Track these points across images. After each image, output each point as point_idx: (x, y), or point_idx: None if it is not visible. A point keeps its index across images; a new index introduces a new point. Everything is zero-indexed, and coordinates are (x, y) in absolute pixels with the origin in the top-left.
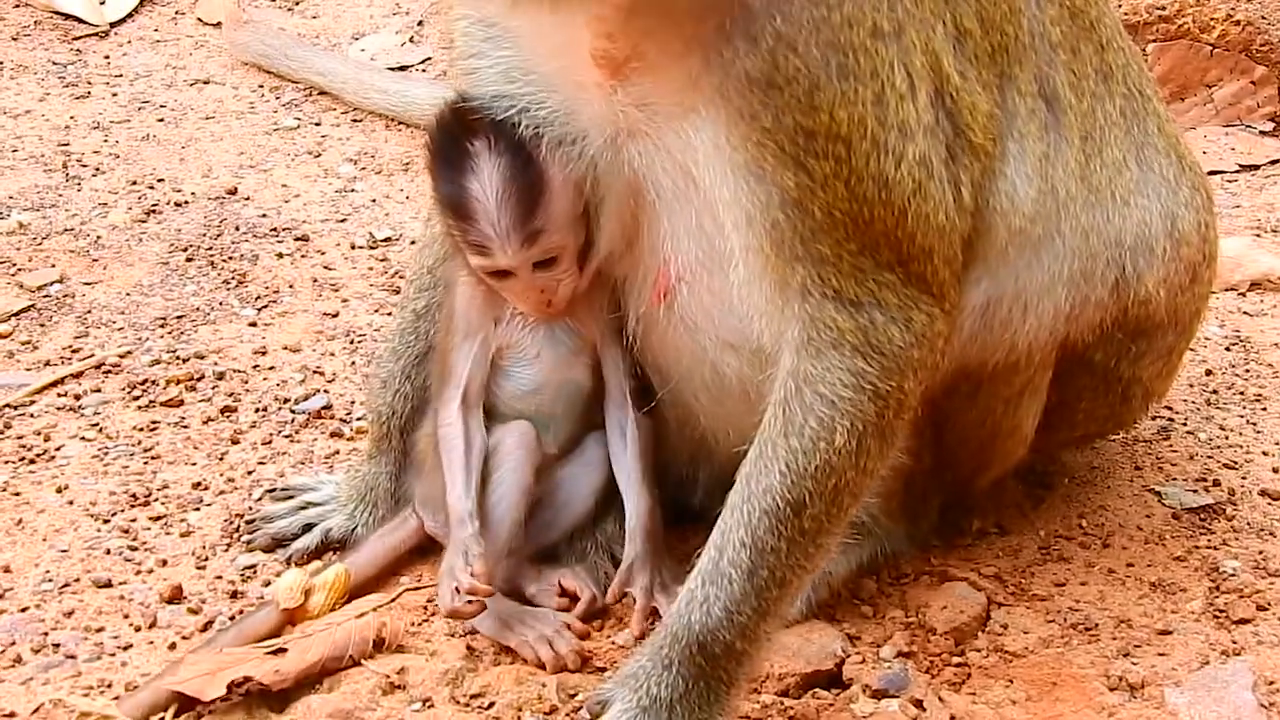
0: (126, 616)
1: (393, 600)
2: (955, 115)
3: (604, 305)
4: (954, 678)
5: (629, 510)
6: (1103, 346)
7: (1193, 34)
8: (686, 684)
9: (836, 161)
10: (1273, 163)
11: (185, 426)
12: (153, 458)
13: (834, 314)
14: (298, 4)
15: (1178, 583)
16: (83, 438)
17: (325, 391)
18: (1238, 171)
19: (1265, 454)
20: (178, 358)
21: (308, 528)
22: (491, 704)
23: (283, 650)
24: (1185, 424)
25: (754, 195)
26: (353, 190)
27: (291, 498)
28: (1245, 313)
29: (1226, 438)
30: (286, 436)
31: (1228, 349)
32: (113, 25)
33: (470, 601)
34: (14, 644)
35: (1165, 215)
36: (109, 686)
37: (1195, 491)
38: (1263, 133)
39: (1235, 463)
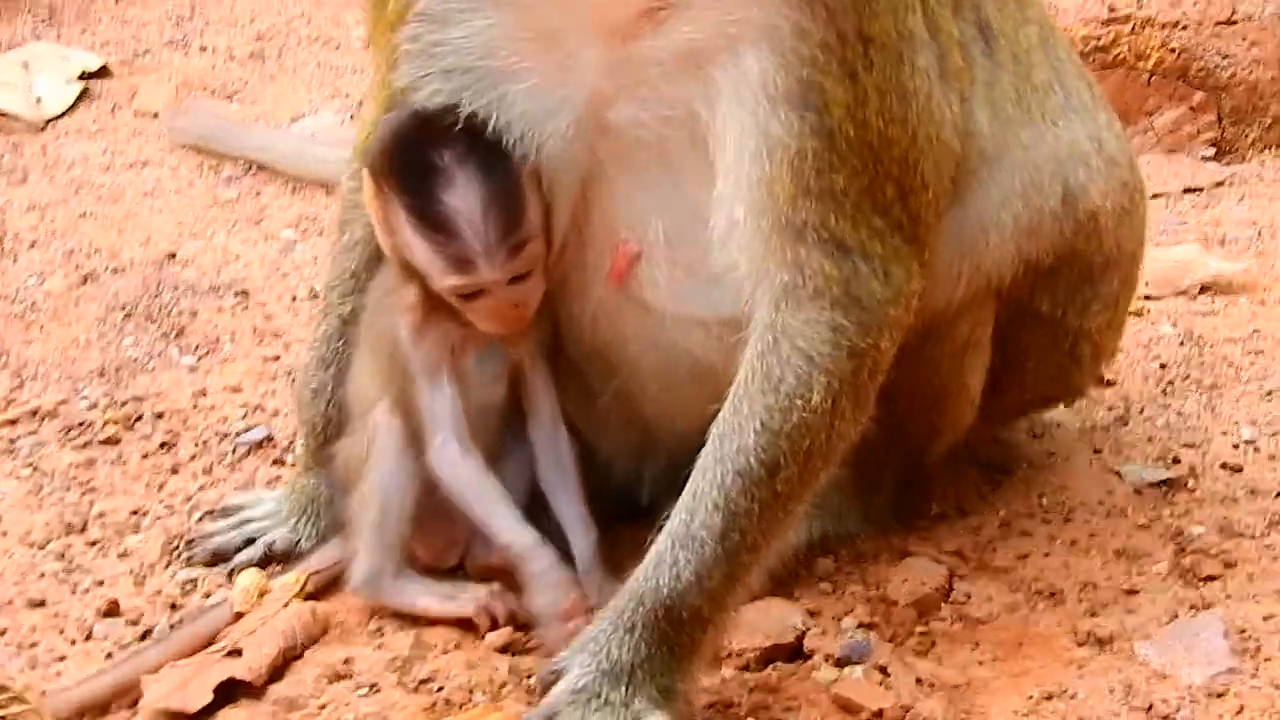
0: (62, 632)
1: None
2: (937, 36)
3: (537, 317)
4: (919, 646)
5: (578, 544)
6: (1049, 291)
7: (1129, 63)
8: (649, 648)
9: (877, 71)
10: (1217, 184)
11: (123, 462)
12: (89, 490)
13: (822, 260)
14: (236, 93)
15: (1142, 549)
16: (17, 476)
17: (267, 425)
18: (1183, 193)
19: (1224, 433)
20: (115, 402)
21: (250, 542)
22: (441, 687)
23: (237, 652)
24: (1142, 412)
25: (789, 123)
26: (293, 251)
27: (231, 515)
28: (1197, 313)
29: (1184, 421)
30: (228, 465)
31: (1181, 344)
32: (49, 121)
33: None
34: None
35: (1091, 138)
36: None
37: (1155, 468)
38: (1205, 158)
39: (1194, 443)
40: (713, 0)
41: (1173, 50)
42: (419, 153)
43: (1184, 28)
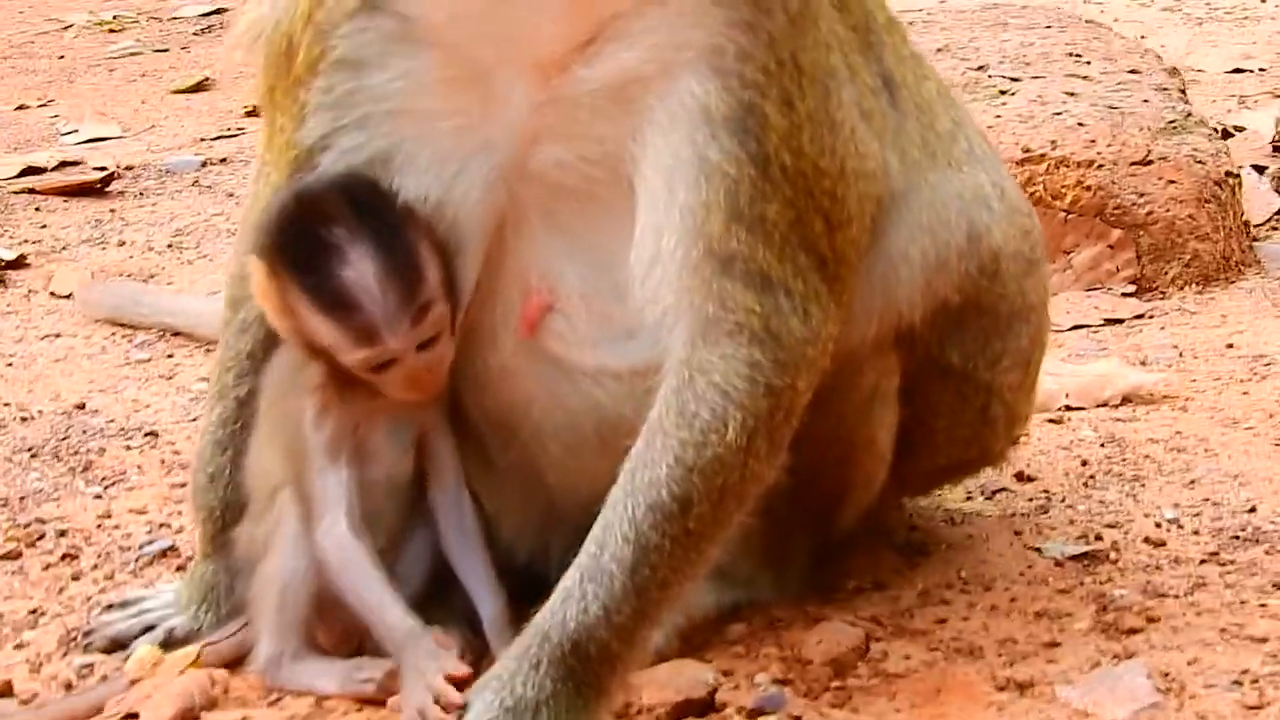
0: None
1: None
2: (854, 79)
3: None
4: (834, 700)
5: (485, 609)
6: (959, 342)
7: (1046, 201)
8: (555, 685)
9: (810, 99)
10: (1137, 317)
11: (23, 573)
12: None
13: (745, 293)
14: (153, 276)
15: (1063, 610)
16: None
17: (172, 539)
18: (1103, 325)
19: (1146, 515)
20: (17, 524)
21: (149, 630)
22: None
23: (133, 715)
24: (1064, 500)
25: (728, 148)
26: (204, 398)
27: (130, 606)
28: (1118, 420)
29: (1106, 507)
30: (130, 572)
31: (1102, 445)
32: None
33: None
34: None
35: (994, 184)
36: None
37: (1077, 545)
38: (1125, 294)
39: (1116, 523)
40: (652, 25)
41: (1088, 189)
42: (308, 231)
43: (1099, 167)
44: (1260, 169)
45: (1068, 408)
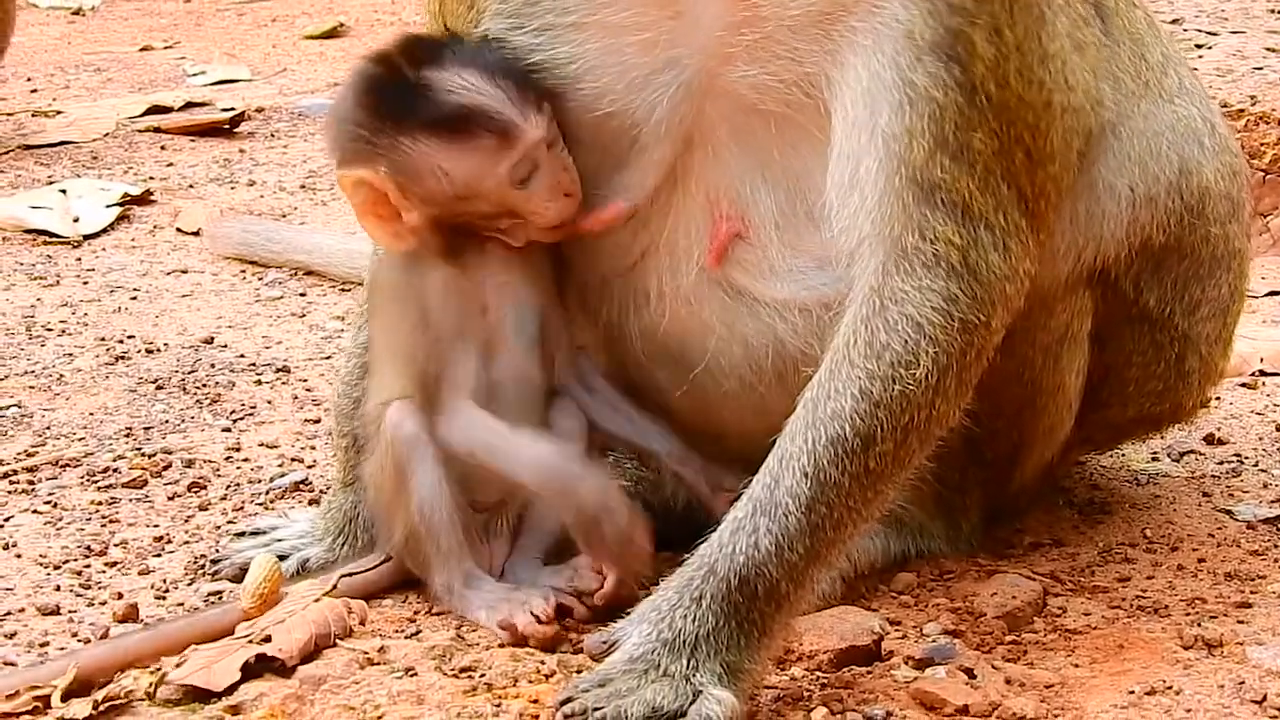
0: (75, 635)
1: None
2: (1070, 4)
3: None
4: (1009, 653)
5: (660, 444)
6: (1158, 283)
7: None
8: (716, 621)
9: (1020, 28)
10: None
11: (148, 500)
12: (111, 521)
13: (946, 224)
14: (285, 216)
15: (1256, 571)
16: (35, 511)
17: (305, 473)
18: None
19: None
20: (142, 454)
21: (282, 560)
22: (483, 674)
23: (266, 639)
24: (1257, 465)
25: (934, 74)
26: (339, 337)
27: (261, 535)
28: None
29: None
30: (260, 504)
31: None
32: (86, 238)
33: None
34: None
35: (1204, 120)
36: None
37: (1272, 508)
38: None
39: None
40: None
41: None
42: (405, 87)
43: None
44: None
45: (1261, 373)
